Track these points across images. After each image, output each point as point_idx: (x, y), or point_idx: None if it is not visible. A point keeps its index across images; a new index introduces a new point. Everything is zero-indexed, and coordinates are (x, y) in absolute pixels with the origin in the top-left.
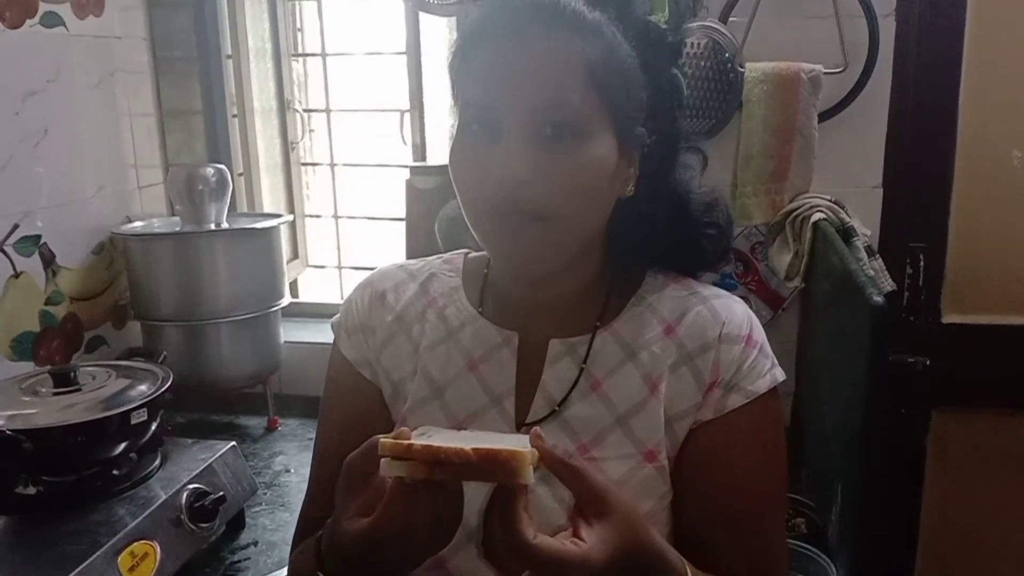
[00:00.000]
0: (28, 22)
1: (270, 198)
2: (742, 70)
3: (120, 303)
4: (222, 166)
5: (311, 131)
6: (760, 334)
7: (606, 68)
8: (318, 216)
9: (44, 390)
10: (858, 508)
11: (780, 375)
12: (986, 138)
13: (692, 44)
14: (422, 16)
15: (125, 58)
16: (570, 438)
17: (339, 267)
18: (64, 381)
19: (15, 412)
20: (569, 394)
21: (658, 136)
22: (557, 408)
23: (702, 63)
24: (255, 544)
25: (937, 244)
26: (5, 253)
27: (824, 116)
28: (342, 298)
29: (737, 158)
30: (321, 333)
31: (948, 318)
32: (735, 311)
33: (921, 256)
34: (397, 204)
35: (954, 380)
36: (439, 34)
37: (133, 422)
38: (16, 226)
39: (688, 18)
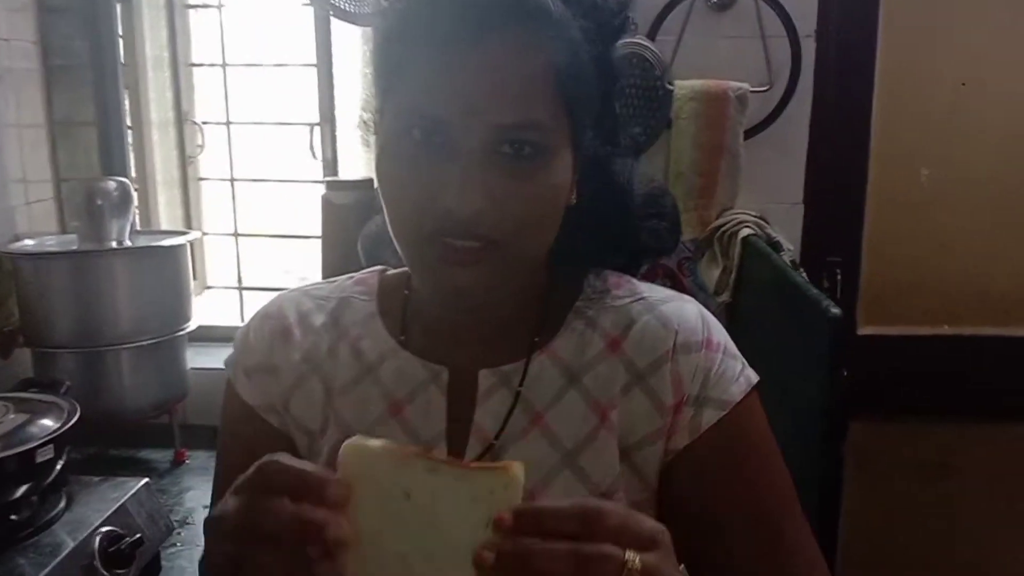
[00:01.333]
0: None
1: (167, 214)
2: (671, 87)
3: (6, 329)
4: (124, 180)
5: (199, 147)
6: (720, 334)
7: (572, 74)
8: (222, 234)
9: None
10: (820, 512)
11: (753, 376)
12: (897, 156)
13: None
14: (333, 26)
15: (12, 63)
16: None
17: (239, 288)
18: None
19: None
20: (503, 430)
21: (600, 135)
22: (493, 447)
23: (631, 80)
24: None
25: (852, 258)
26: None
27: (749, 133)
28: (242, 320)
29: (667, 174)
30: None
31: (863, 329)
32: (687, 314)
33: (838, 270)
34: (303, 221)
35: (869, 389)
36: (351, 44)
37: (38, 460)
38: None
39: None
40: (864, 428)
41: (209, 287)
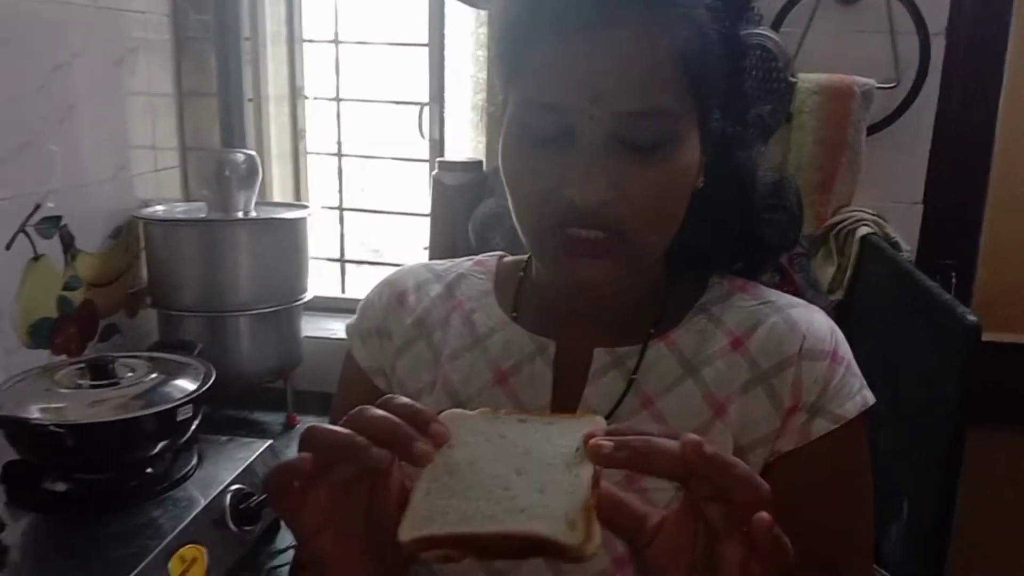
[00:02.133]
0: None
1: (279, 187)
2: (794, 80)
3: (133, 291)
4: (252, 152)
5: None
6: (846, 349)
7: (698, 56)
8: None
9: (82, 382)
10: (934, 526)
11: (871, 397)
12: (1021, 161)
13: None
14: (447, 7)
15: (147, 35)
16: None
17: (341, 260)
18: (102, 373)
19: (56, 405)
20: (615, 410)
21: (728, 114)
22: None
23: (751, 71)
24: (294, 547)
25: (968, 262)
26: (27, 234)
27: (871, 130)
28: (342, 292)
29: (784, 167)
30: (340, 328)
31: None
32: (817, 322)
33: (953, 273)
34: (409, 199)
35: (981, 397)
36: (464, 26)
37: (178, 419)
38: (38, 206)
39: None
40: (974, 436)
41: (313, 258)
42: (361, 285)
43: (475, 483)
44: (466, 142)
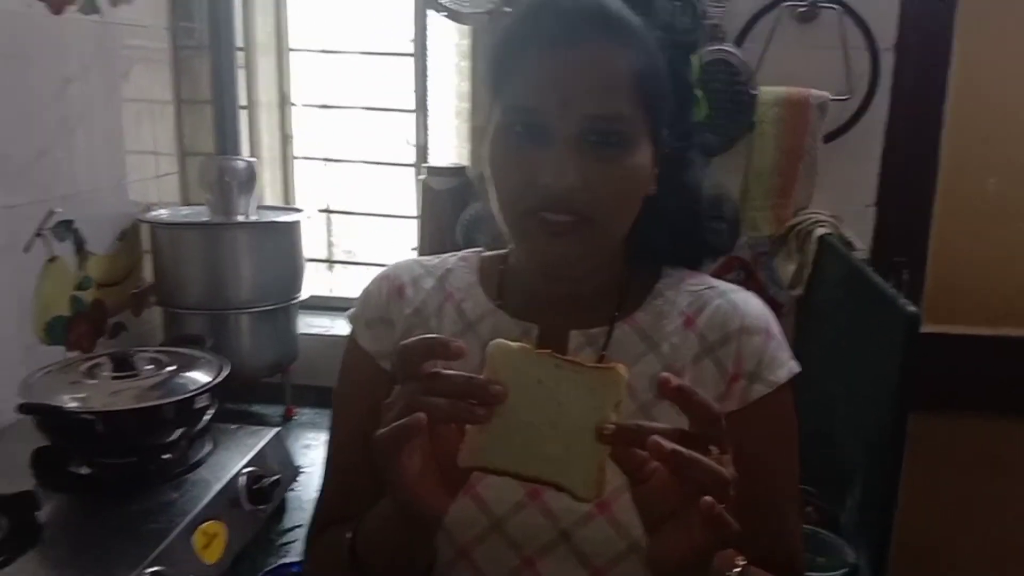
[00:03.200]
0: (69, 8)
1: (269, 191)
2: (755, 92)
3: (138, 290)
4: (252, 159)
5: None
6: (777, 327)
7: (649, 76)
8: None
9: (105, 373)
10: (882, 498)
11: (796, 366)
12: (965, 165)
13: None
14: (430, 18)
15: (149, 47)
16: None
17: (328, 261)
18: (123, 365)
19: (81, 395)
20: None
21: (676, 134)
22: None
23: (715, 84)
24: (300, 527)
25: (918, 259)
26: (43, 237)
27: (827, 138)
28: (330, 292)
29: (747, 173)
30: (330, 326)
31: (925, 327)
32: (753, 304)
33: (904, 270)
34: (388, 202)
35: (929, 385)
36: (446, 36)
37: (196, 407)
38: (52, 211)
39: (703, 38)
40: (919, 421)
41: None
42: (341, 285)
43: (517, 429)
44: (448, 148)
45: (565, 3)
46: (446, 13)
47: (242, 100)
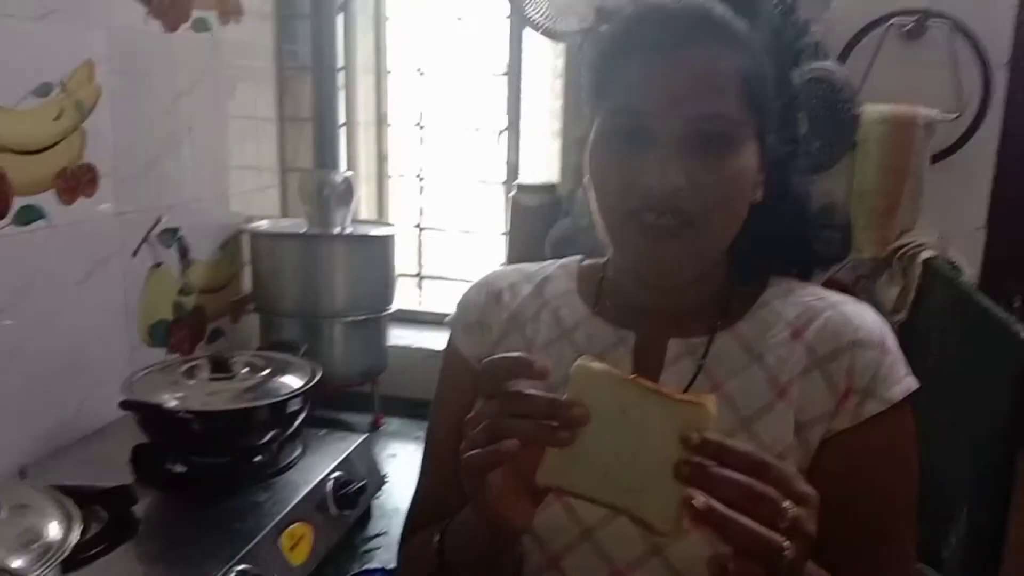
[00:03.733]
0: (182, 26)
1: (365, 207)
2: (859, 111)
3: (237, 298)
4: (350, 173)
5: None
6: (893, 340)
7: (755, 80)
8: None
9: (203, 375)
10: (988, 535)
11: (914, 383)
12: None
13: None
14: (525, 38)
15: (254, 66)
16: None
17: (419, 276)
18: (221, 367)
19: (179, 394)
20: (686, 392)
21: (782, 141)
22: None
23: (814, 101)
24: (384, 534)
25: None
26: (150, 244)
27: (935, 158)
28: (420, 307)
29: (850, 194)
30: (419, 339)
31: None
32: (868, 316)
33: (1018, 297)
34: (482, 218)
35: None
36: (540, 55)
37: (288, 411)
38: (160, 219)
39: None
40: None
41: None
42: (430, 301)
43: (597, 454)
44: (539, 167)
45: (670, 8)
46: (541, 31)
47: (341, 119)
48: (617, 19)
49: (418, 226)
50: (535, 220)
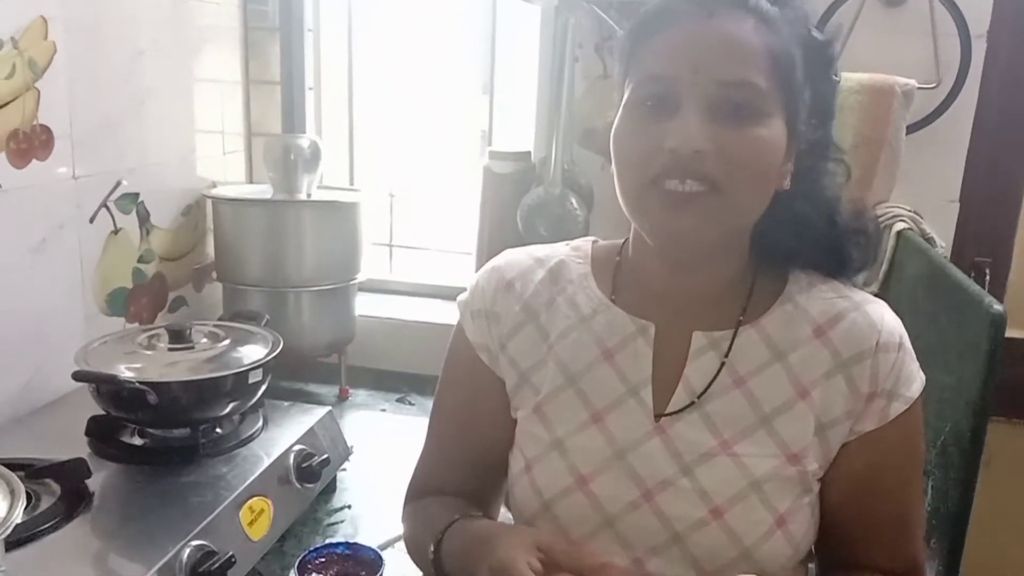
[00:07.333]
0: None
1: (334, 174)
2: (837, 79)
3: (199, 266)
4: (316, 138)
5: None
6: (907, 338)
7: (785, 58)
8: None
9: (161, 345)
10: (956, 502)
11: (923, 377)
12: None
13: None
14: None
15: (220, 26)
16: (710, 432)
17: (390, 244)
18: (179, 338)
19: (137, 365)
20: (709, 387)
21: (813, 138)
22: (697, 400)
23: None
24: (349, 507)
25: (1003, 260)
26: (108, 209)
27: (910, 129)
28: (391, 275)
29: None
30: (389, 309)
31: (1008, 331)
32: (888, 318)
33: (987, 270)
34: (458, 190)
35: (1009, 392)
36: (515, 18)
37: (249, 382)
38: (119, 183)
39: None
40: (998, 428)
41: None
42: (403, 270)
43: None
44: (513, 133)
45: None
46: None
47: (309, 82)
48: None
49: (391, 194)
50: (507, 188)
